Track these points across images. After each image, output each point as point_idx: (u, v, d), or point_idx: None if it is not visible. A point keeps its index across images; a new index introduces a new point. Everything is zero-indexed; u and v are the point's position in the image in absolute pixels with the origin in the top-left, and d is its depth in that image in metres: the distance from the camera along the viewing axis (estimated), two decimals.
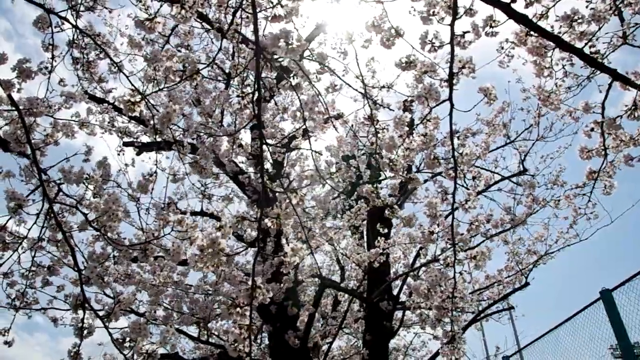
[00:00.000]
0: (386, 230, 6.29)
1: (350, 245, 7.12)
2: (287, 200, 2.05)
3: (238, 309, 1.76)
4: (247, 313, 1.77)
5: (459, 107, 2.72)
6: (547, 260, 6.75)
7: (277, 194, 4.41)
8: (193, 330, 6.47)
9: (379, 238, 5.58)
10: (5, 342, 3.56)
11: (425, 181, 7.33)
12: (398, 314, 7.43)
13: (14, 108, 3.09)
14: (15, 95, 3.17)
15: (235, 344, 1.73)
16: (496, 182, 6.90)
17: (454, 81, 2.71)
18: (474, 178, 2.63)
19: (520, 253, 6.85)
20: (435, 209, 2.60)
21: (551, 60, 2.58)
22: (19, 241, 2.99)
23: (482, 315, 6.61)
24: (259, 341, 7.20)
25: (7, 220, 2.97)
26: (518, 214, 6.32)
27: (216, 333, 6.93)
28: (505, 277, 6.74)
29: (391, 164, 2.65)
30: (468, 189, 2.78)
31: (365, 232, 7.43)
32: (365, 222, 6.90)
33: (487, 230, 6.21)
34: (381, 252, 5.56)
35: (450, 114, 2.67)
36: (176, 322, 5.32)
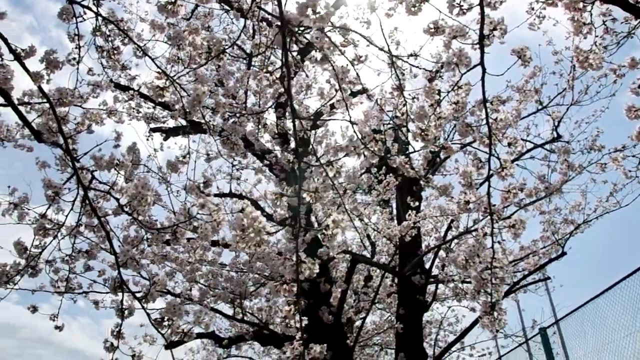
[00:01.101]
0: (417, 204, 6.23)
1: (381, 220, 7.09)
2: (324, 174, 2.03)
3: (285, 285, 1.77)
4: (295, 289, 1.79)
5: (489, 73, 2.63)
6: (585, 228, 6.58)
7: (305, 171, 4.39)
8: (228, 309, 6.59)
9: (409, 212, 5.54)
10: (56, 327, 3.69)
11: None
12: (431, 287, 7.41)
13: (44, 100, 3.13)
14: (45, 87, 3.22)
15: (286, 320, 1.75)
16: (529, 150, 6.72)
17: (486, 44, 2.61)
18: (509, 144, 2.55)
19: (556, 222, 6.69)
20: (471, 178, 2.53)
21: (591, 15, 2.45)
22: (58, 228, 3.06)
23: (517, 286, 6.52)
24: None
25: (47, 209, 3.04)
26: (553, 182, 6.15)
27: (250, 311, 7.04)
28: (541, 248, 6.61)
29: (423, 133, 2.59)
30: (499, 159, 2.69)
31: (395, 207, 7.39)
32: (394, 196, 6.85)
33: (520, 200, 6.08)
34: (412, 226, 5.52)
35: (483, 79, 2.58)
36: (212, 301, 5.41)
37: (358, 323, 7.77)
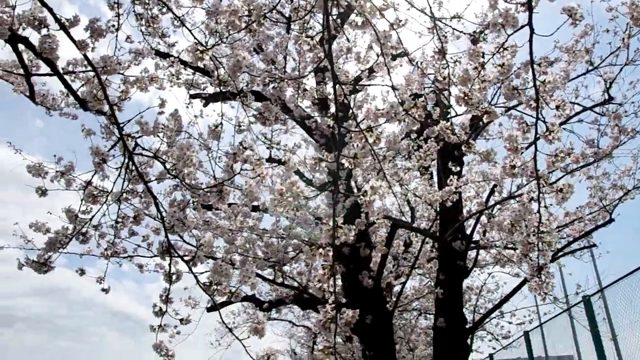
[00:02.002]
0: (458, 169, 6.12)
1: (421, 186, 7.02)
2: (364, 140, 2.00)
3: (321, 249, 1.79)
4: (330, 253, 1.80)
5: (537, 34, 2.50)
6: (635, 194, 6.31)
7: (345, 136, 4.37)
8: (268, 273, 6.74)
9: (451, 177, 5.44)
10: (103, 290, 3.83)
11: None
12: (471, 253, 7.34)
13: (89, 68, 3.19)
14: (89, 55, 3.27)
15: (320, 284, 1.78)
16: (577, 113, 6.41)
17: (533, 3, 2.49)
18: (557, 107, 2.44)
19: (604, 188, 6.45)
20: (516, 142, 2.44)
21: None
22: (107, 195, 3.16)
23: (561, 253, 6.37)
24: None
25: (93, 176, 3.14)
26: (602, 147, 5.89)
27: (290, 275, 7.18)
28: (588, 214, 6.40)
29: (466, 97, 2.50)
30: (545, 122, 2.59)
31: (435, 172, 7.28)
32: (435, 162, 6.74)
33: (567, 165, 5.86)
34: (454, 191, 5.43)
35: (530, 40, 2.46)
36: (252, 266, 5.54)
37: (397, 288, 7.83)
